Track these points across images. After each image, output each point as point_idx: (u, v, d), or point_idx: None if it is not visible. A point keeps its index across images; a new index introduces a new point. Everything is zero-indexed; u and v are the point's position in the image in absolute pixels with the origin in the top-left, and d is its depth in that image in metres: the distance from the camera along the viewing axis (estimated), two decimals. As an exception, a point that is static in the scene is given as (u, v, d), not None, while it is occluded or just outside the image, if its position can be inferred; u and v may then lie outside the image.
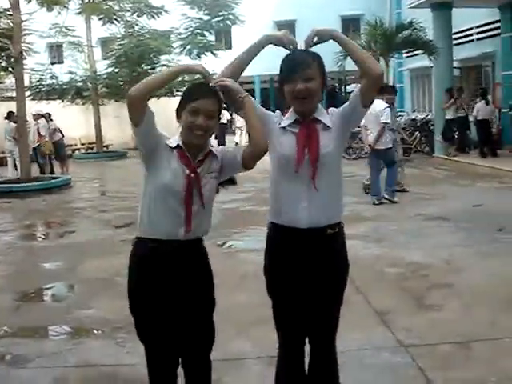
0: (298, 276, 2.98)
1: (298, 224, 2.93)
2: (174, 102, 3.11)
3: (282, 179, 3.00)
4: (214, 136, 3.22)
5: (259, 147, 2.88)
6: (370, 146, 11.01)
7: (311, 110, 2.96)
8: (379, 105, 10.46)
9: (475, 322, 5.04)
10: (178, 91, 22.49)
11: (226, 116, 31.73)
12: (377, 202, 10.80)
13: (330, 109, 3.07)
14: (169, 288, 2.89)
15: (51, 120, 18.84)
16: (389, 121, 10.68)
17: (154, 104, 2.90)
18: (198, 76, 3.06)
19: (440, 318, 5.20)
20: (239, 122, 30.51)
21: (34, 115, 17.80)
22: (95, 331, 5.31)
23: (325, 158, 2.91)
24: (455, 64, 20.64)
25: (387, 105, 10.79)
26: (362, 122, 9.87)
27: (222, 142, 28.28)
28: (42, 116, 18.17)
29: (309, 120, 2.96)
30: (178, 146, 2.89)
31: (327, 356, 3.12)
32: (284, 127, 2.99)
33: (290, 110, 3.03)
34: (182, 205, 2.84)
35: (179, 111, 2.89)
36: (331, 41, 2.96)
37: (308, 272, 2.97)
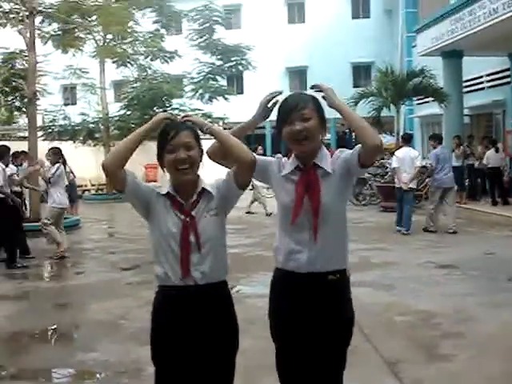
0: (300, 322, 2.92)
1: (298, 269, 2.91)
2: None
3: (284, 227, 2.98)
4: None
5: (243, 161, 2.84)
6: (405, 183, 12.70)
7: (312, 153, 2.93)
8: (413, 152, 13.16)
9: (486, 373, 4.92)
10: None
11: None
12: (405, 233, 12.61)
13: (339, 150, 3.03)
14: (190, 333, 2.83)
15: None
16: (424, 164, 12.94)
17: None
18: None
19: (451, 368, 5.08)
20: None
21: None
22: (98, 375, 5.22)
23: (326, 206, 2.87)
24: (465, 111, 20.75)
25: (419, 152, 13.30)
26: (395, 165, 12.93)
27: None
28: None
29: (309, 167, 2.93)
30: (168, 193, 2.88)
31: None
32: (285, 175, 2.98)
33: (292, 155, 3.01)
34: (178, 250, 2.82)
35: (160, 159, 2.90)
36: (342, 87, 2.95)
37: (308, 318, 2.91)
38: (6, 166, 10.69)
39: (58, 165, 11.16)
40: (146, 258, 9.07)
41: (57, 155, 11.40)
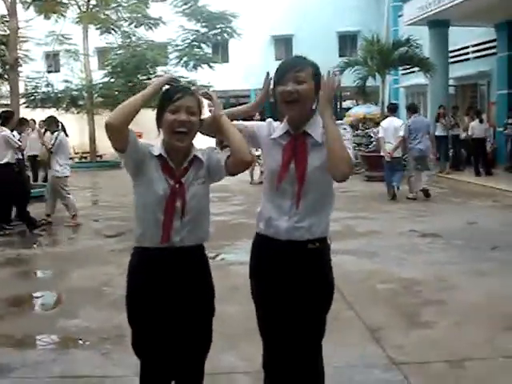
0: (278, 287, 2.93)
1: (278, 235, 2.90)
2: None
3: (268, 191, 2.97)
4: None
5: (240, 159, 2.84)
6: (389, 153, 13.01)
7: (302, 118, 2.89)
8: (396, 121, 13.32)
9: (468, 340, 4.96)
10: None
11: None
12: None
13: (341, 123, 3.00)
14: (165, 295, 2.83)
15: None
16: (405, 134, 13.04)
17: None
18: None
19: (432, 335, 5.12)
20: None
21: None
22: (81, 342, 5.20)
23: (312, 175, 2.84)
24: (451, 82, 20.76)
25: (402, 121, 13.51)
26: (381, 135, 13.38)
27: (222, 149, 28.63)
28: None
29: (299, 133, 2.89)
30: (160, 155, 2.85)
31: (312, 371, 3.02)
32: (274, 138, 2.95)
33: (284, 120, 2.97)
34: (162, 213, 2.80)
35: (159, 117, 2.85)
36: (327, 56, 2.91)
37: (287, 285, 2.92)
38: (11, 131, 10.58)
39: (56, 133, 11.06)
40: (129, 226, 8.98)
41: (55, 124, 11.29)
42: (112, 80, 24.81)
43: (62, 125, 11.38)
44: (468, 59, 21.56)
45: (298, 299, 2.91)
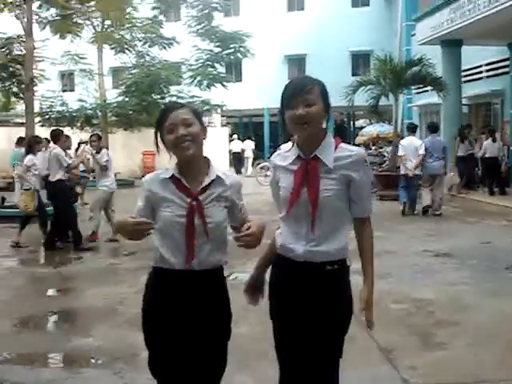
0: (297, 307, 2.89)
1: (296, 254, 2.88)
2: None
3: (283, 218, 2.96)
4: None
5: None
6: (410, 171, 13.72)
7: (313, 140, 2.85)
8: (416, 140, 14.10)
9: (481, 362, 4.93)
10: None
11: (239, 145, 32.52)
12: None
13: (345, 147, 2.92)
14: (183, 316, 2.80)
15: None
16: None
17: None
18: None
19: (445, 356, 5.09)
20: (247, 151, 31.23)
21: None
22: (93, 360, 5.22)
23: (325, 200, 2.82)
24: (464, 101, 20.73)
25: (421, 141, 14.21)
26: (401, 153, 14.07)
27: (238, 170, 28.94)
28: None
29: (310, 158, 2.85)
30: (172, 175, 2.82)
31: None
32: (285, 166, 2.93)
33: (294, 145, 2.94)
34: (183, 235, 2.77)
35: (162, 140, 2.85)
36: (340, 75, 2.91)
37: (306, 305, 2.88)
38: (64, 150, 10.95)
39: (106, 150, 11.42)
40: (143, 244, 9.05)
41: (99, 141, 11.62)
42: (126, 99, 24.98)
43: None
44: (481, 78, 21.55)
45: (316, 320, 2.87)
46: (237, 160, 32.36)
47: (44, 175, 10.71)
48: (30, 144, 11.13)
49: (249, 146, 32.84)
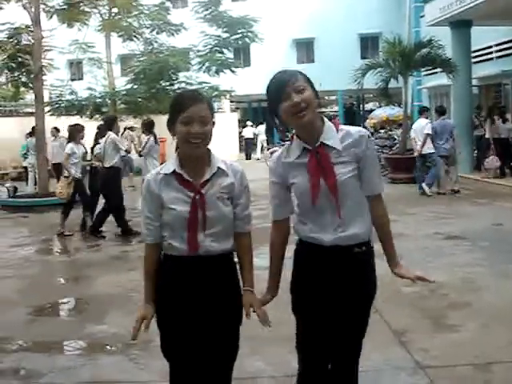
0: (325, 294, 2.91)
1: (323, 242, 2.87)
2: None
3: (304, 208, 2.92)
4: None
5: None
6: (418, 151, 14.42)
7: (314, 127, 2.84)
8: (422, 121, 14.51)
9: (494, 343, 4.94)
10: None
11: (251, 130, 32.68)
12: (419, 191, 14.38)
13: (346, 128, 2.93)
14: (194, 301, 2.83)
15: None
16: (430, 132, 14.06)
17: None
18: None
19: (458, 338, 5.11)
20: (261, 135, 31.44)
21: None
22: (109, 347, 5.28)
23: (343, 185, 2.82)
24: (474, 82, 20.56)
25: (429, 120, 14.83)
26: (412, 136, 14.86)
27: (248, 156, 29.06)
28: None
29: (317, 147, 2.84)
30: (174, 171, 2.82)
31: (349, 381, 3.03)
32: (292, 161, 2.89)
33: (294, 138, 2.92)
34: (186, 228, 2.79)
35: (171, 125, 2.82)
36: (349, 58, 2.88)
37: (334, 291, 2.90)
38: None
39: (147, 137, 11.38)
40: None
41: (150, 127, 11.61)
42: (135, 87, 24.91)
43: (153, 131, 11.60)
44: (491, 59, 21.37)
45: (344, 303, 2.91)
46: (249, 146, 32.55)
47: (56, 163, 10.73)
48: (71, 132, 11.12)
49: (262, 130, 33.05)
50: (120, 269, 8.14)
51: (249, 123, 34.63)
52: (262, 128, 33.18)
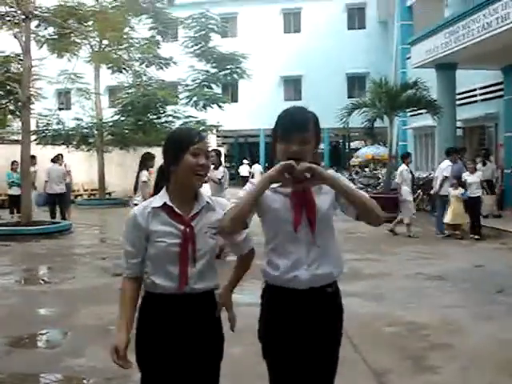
0: (296, 337, 2.88)
1: (297, 285, 2.83)
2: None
3: (279, 240, 2.89)
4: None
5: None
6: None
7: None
8: (445, 162, 14.66)
9: (474, 385, 4.94)
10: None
11: (247, 169, 33.19)
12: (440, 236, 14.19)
13: (330, 171, 2.93)
14: (176, 340, 2.82)
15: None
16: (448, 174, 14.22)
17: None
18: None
19: (438, 380, 5.10)
20: (256, 174, 32.00)
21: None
22: (85, 381, 5.21)
23: (321, 219, 2.85)
24: (458, 124, 20.83)
25: (450, 163, 14.47)
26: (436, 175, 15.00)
27: None
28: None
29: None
30: (164, 204, 2.83)
31: None
32: (275, 189, 2.87)
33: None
34: (175, 263, 2.79)
35: (177, 157, 2.82)
36: (336, 97, 2.92)
37: (306, 333, 2.87)
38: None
39: (222, 168, 11.40)
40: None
41: (219, 157, 11.53)
42: (122, 118, 25.03)
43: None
44: (475, 101, 21.69)
45: (316, 343, 2.88)
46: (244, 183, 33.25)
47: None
48: (144, 159, 11.04)
49: (257, 169, 33.92)
50: (100, 301, 8.07)
51: (245, 161, 35.10)
52: (257, 167, 34.15)
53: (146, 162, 10.87)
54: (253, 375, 4.58)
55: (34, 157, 18.18)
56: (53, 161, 17.60)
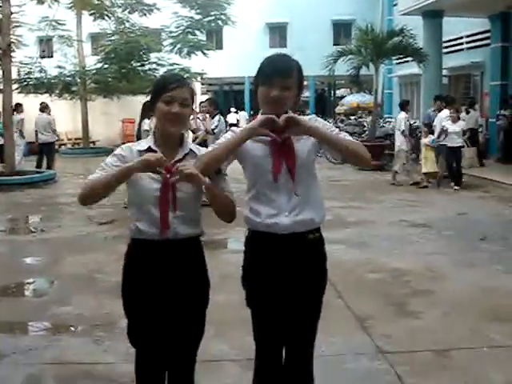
0: (279, 283, 2.92)
1: (278, 230, 2.86)
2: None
3: (259, 188, 2.91)
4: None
5: (222, 218, 2.96)
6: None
7: (281, 115, 2.81)
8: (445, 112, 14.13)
9: (454, 330, 5.04)
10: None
11: (235, 116, 33.18)
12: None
13: (312, 116, 2.99)
14: (162, 286, 2.85)
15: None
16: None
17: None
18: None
19: (420, 325, 5.20)
20: (242, 121, 32.16)
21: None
22: (73, 328, 5.26)
23: (301, 166, 2.85)
24: (444, 72, 20.76)
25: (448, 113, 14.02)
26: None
27: None
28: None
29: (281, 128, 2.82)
30: (149, 147, 2.84)
31: (304, 368, 3.04)
32: (254, 138, 2.86)
33: (260, 115, 2.91)
34: (156, 208, 2.79)
35: (153, 103, 2.86)
36: (322, 44, 2.88)
37: (289, 279, 2.91)
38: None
39: (218, 116, 11.23)
40: (121, 213, 9.08)
41: (215, 106, 11.40)
42: (105, 66, 24.66)
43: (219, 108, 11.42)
44: (462, 50, 21.58)
45: (299, 289, 2.92)
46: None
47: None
48: (145, 107, 10.79)
49: (242, 116, 34.25)
50: (86, 249, 8.10)
51: (232, 109, 35.13)
52: (243, 114, 34.46)
53: (147, 110, 10.77)
54: (236, 321, 4.65)
55: (20, 104, 18.08)
56: (40, 110, 17.41)
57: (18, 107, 17.80)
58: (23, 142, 17.98)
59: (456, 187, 13.25)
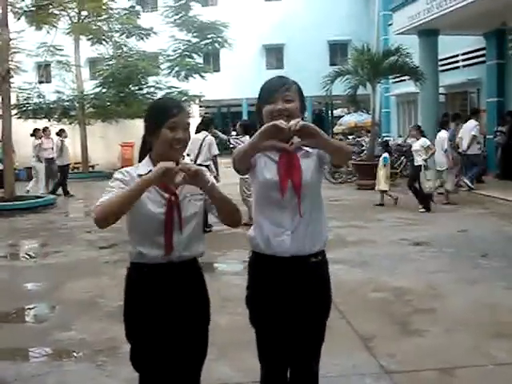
0: (282, 306, 2.92)
1: (281, 253, 2.88)
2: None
3: (265, 206, 2.95)
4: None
5: (228, 223, 2.93)
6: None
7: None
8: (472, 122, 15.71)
9: (458, 348, 5.02)
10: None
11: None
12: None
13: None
14: (164, 309, 2.84)
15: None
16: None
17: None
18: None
19: (424, 343, 5.18)
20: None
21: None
22: (75, 354, 5.23)
23: (306, 185, 2.87)
24: (441, 90, 20.87)
25: (477, 122, 15.54)
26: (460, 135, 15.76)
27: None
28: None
29: (289, 145, 2.86)
30: (150, 171, 2.77)
31: None
32: (264, 154, 2.92)
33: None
34: (161, 231, 2.79)
35: (154, 129, 2.83)
36: (318, 65, 2.92)
37: (292, 301, 2.91)
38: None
39: (203, 135, 11.31)
40: (122, 237, 9.04)
41: (204, 125, 11.53)
42: (103, 90, 24.81)
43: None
44: (458, 67, 21.71)
45: (301, 313, 2.92)
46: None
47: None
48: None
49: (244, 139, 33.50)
50: (87, 274, 8.08)
51: (233, 133, 35.03)
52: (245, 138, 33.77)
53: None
54: (238, 344, 4.63)
55: (38, 130, 18.33)
56: (58, 134, 18.39)
57: (37, 132, 18.31)
58: (42, 165, 18.20)
59: (422, 210, 12.75)
